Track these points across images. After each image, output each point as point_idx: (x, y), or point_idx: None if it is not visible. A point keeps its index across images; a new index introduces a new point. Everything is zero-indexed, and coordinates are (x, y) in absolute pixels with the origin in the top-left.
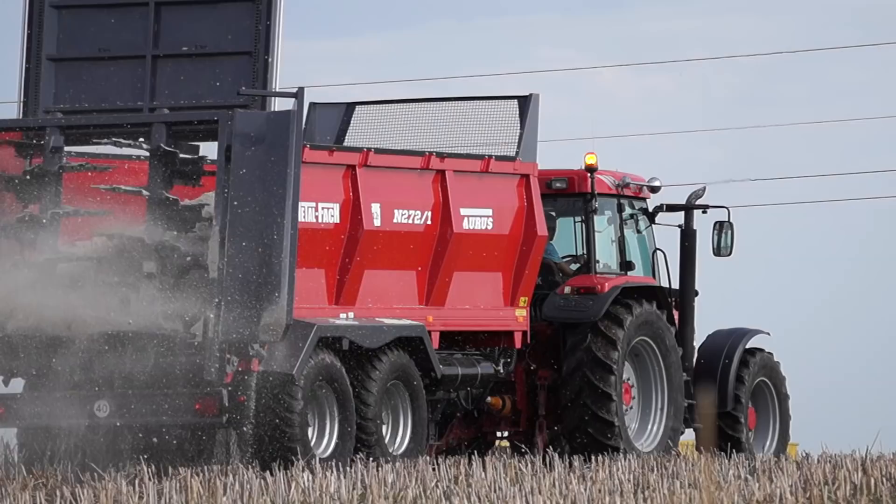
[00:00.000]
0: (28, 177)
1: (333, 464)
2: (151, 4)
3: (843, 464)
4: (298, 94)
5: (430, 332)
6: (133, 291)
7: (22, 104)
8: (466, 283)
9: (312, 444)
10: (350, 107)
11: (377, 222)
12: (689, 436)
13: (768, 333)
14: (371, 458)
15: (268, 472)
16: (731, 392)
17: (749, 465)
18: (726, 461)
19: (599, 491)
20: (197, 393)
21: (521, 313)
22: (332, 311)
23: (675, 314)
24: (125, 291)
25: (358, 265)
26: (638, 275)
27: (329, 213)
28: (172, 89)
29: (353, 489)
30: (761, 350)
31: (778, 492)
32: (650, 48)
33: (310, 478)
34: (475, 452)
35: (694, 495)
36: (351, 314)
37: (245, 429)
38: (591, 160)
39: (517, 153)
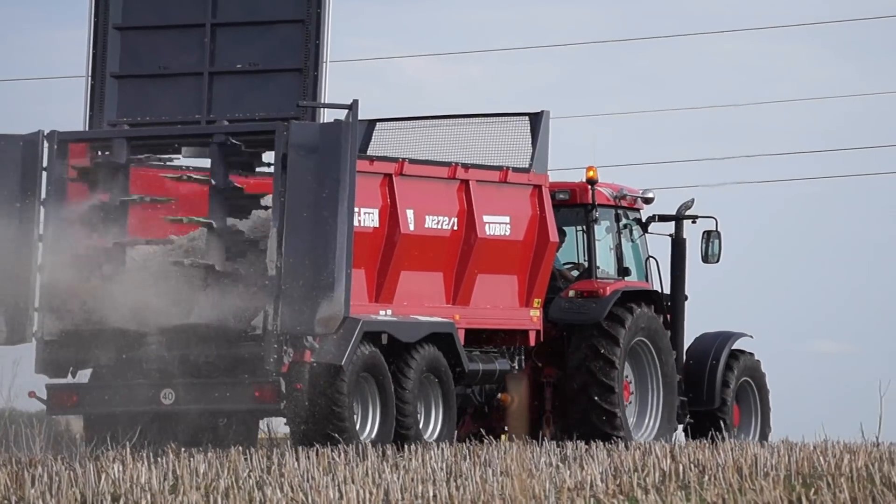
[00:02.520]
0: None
1: (144, 454)
2: (208, 25)
3: (652, 451)
4: (353, 106)
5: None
6: (198, 288)
7: (88, 118)
8: (488, 284)
9: (357, 429)
10: (371, 123)
11: (411, 227)
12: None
13: (751, 336)
14: (410, 444)
15: (77, 463)
16: (719, 391)
17: (560, 453)
18: (538, 449)
19: (412, 479)
20: (256, 382)
21: (535, 313)
22: (373, 307)
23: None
24: (191, 288)
25: (395, 266)
26: (633, 280)
27: (370, 218)
28: (228, 103)
29: (165, 480)
30: (745, 352)
31: (589, 479)
32: (460, 38)
33: (120, 469)
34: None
35: (506, 483)
36: (389, 311)
37: (299, 415)
38: (591, 173)
39: (531, 165)
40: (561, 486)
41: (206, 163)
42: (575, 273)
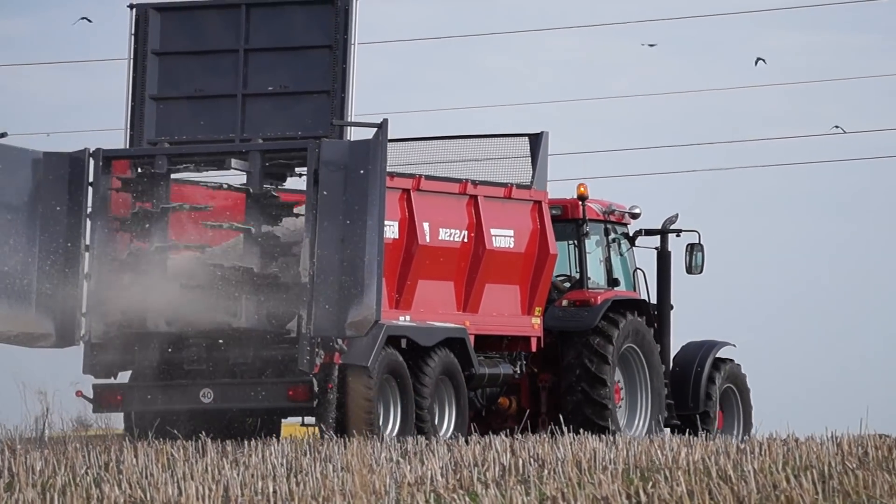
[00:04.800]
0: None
1: None
2: (241, 51)
3: (492, 445)
4: (383, 124)
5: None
6: (236, 293)
7: (128, 137)
8: (494, 293)
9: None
10: None
11: (427, 239)
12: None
13: (734, 345)
14: (426, 440)
15: None
16: (703, 397)
17: (401, 448)
18: (378, 444)
19: (252, 475)
20: (290, 382)
21: (536, 321)
22: (394, 314)
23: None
24: (229, 293)
25: (413, 275)
26: (622, 290)
27: (390, 230)
28: (260, 123)
29: (0, 478)
30: (728, 360)
31: (429, 473)
32: None
33: None
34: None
35: (347, 478)
36: (408, 317)
37: (329, 412)
38: (582, 190)
39: (532, 182)
40: (401, 481)
41: (229, 176)
42: (567, 285)
